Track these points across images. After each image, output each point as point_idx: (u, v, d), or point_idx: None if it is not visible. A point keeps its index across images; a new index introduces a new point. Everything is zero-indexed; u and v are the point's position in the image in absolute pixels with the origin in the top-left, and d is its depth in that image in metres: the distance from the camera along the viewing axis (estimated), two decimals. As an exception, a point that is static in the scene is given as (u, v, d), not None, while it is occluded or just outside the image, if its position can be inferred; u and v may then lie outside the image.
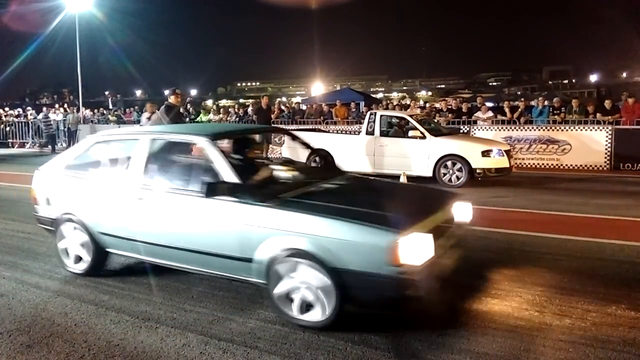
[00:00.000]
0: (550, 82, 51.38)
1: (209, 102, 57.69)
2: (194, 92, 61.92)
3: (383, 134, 10.12)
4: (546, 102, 14.29)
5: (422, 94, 62.35)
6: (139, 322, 3.66)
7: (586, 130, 11.91)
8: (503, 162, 9.30)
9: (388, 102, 22.37)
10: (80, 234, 4.55)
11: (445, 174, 9.33)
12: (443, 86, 69.77)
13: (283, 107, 19.63)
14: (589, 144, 11.78)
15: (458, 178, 9.22)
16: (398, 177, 8.65)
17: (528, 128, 12.64)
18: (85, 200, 4.56)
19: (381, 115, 10.20)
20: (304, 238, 3.37)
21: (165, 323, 3.64)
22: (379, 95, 48.93)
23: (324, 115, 16.34)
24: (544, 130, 12.41)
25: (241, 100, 52.30)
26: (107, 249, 4.49)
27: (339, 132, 12.27)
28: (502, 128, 12.80)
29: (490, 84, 67.57)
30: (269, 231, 3.52)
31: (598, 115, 12.46)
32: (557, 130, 12.24)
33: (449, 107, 14.52)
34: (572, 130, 12.03)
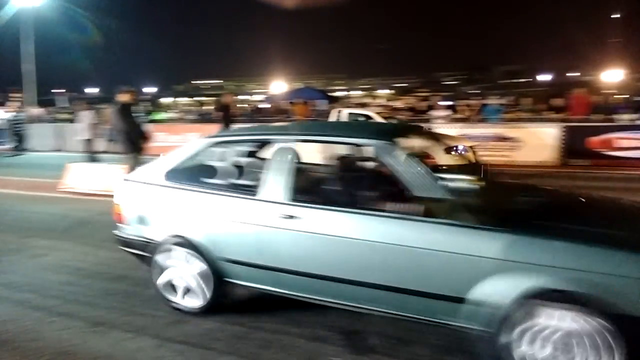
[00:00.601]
0: (504, 81, 53.08)
1: (166, 100, 56.49)
2: (149, 89, 60.47)
3: None
4: (500, 101, 14.81)
5: (382, 92, 63.17)
6: (91, 328, 3.57)
7: (538, 127, 12.39)
8: (468, 159, 9.41)
9: (348, 100, 22.59)
10: (194, 261, 3.61)
11: None
12: (402, 85, 70.92)
13: (244, 105, 19.49)
14: (541, 140, 12.26)
15: None
16: None
17: (482, 126, 13.05)
18: (204, 219, 3.61)
19: (348, 114, 10.11)
20: (569, 274, 2.54)
21: (118, 327, 3.56)
22: (340, 94, 49.23)
23: (285, 114, 16.35)
24: (497, 127, 12.83)
25: (201, 98, 51.46)
26: (231, 280, 3.58)
27: None
28: (457, 126, 13.16)
29: (447, 82, 69.21)
30: (502, 264, 2.69)
31: (549, 112, 13.03)
32: (510, 127, 12.68)
33: (408, 105, 14.83)
34: (524, 127, 12.49)
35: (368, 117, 10.30)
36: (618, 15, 47.33)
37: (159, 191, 3.83)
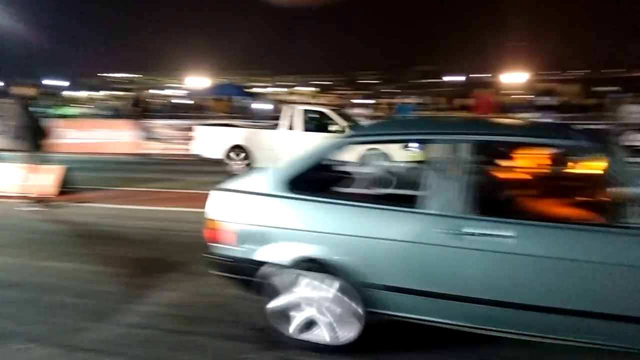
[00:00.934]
0: (417, 81, 55.47)
1: (78, 94, 53.00)
2: (56, 82, 56.36)
3: (305, 128, 9.90)
4: (416, 100, 15.52)
5: (304, 89, 63.50)
6: (-17, 340, 3.29)
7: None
8: (421, 155, 9.67)
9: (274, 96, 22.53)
10: (329, 287, 3.02)
11: None
12: (323, 83, 71.83)
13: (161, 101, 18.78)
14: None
15: None
16: None
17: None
18: (346, 236, 2.95)
19: (302, 110, 9.97)
20: None
21: (16, 337, 3.32)
22: (263, 90, 48.89)
23: (204, 109, 15.99)
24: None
25: (116, 93, 48.76)
26: (383, 310, 2.96)
27: (255, 127, 11.47)
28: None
29: (367, 82, 71.07)
30: None
31: (461, 111, 13.85)
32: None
33: (331, 103, 15.10)
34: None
35: (322, 113, 10.05)
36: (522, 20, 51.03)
37: (282, 204, 3.14)
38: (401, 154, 8.77)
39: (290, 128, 9.90)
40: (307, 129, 9.87)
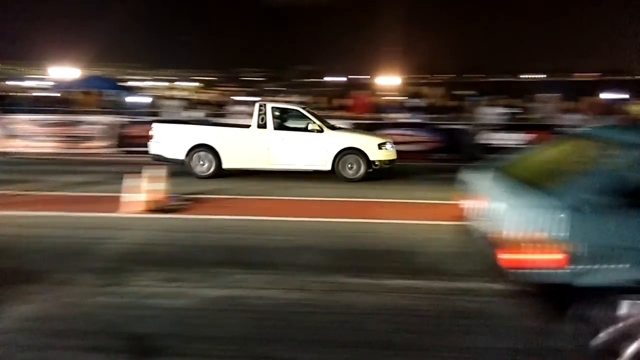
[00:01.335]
0: (298, 80, 56.53)
1: None
2: None
3: (277, 127, 9.43)
4: (300, 99, 15.83)
5: (184, 84, 61.24)
6: None
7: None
8: (394, 154, 9.70)
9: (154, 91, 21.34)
10: None
11: (344, 168, 9.29)
12: (206, 78, 69.91)
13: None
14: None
15: (357, 171, 9.28)
16: (295, 172, 9.01)
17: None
18: None
19: (272, 107, 9.50)
20: None
21: None
22: (140, 84, 46.09)
23: (71, 103, 14.67)
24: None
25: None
26: None
27: (224, 125, 10.79)
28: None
29: (251, 79, 70.65)
30: None
31: (340, 111, 14.40)
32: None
33: (212, 99, 14.79)
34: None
35: (296, 111, 9.72)
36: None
37: (625, 219, 2.73)
38: (381, 154, 9.21)
39: (262, 126, 9.39)
40: (279, 128, 9.45)
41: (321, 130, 9.34)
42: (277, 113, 9.43)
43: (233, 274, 4.29)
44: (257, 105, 9.53)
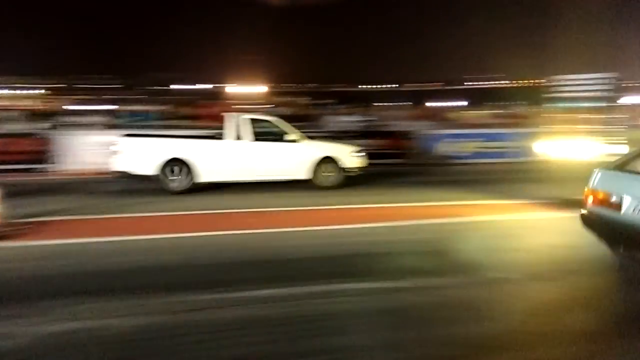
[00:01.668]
0: (152, 88, 54.03)
1: None
2: None
3: (254, 138, 9.36)
4: (147, 107, 15.06)
5: (28, 92, 54.87)
6: None
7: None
8: (365, 161, 10.15)
9: None
10: None
11: (322, 176, 9.59)
12: (51, 86, 63.26)
13: None
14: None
15: (333, 179, 9.65)
16: (275, 183, 9.22)
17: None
18: None
19: (248, 119, 9.42)
20: None
21: None
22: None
23: None
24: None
25: None
26: None
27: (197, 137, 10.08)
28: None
29: (99, 86, 65.72)
30: None
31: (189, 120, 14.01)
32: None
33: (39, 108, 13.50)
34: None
35: (269, 122, 9.74)
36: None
37: None
38: (355, 161, 9.76)
39: (239, 138, 9.25)
40: (256, 139, 9.36)
41: (297, 141, 9.59)
42: (253, 124, 9.44)
43: (76, 304, 3.87)
44: (231, 117, 9.39)
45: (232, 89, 35.87)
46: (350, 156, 9.90)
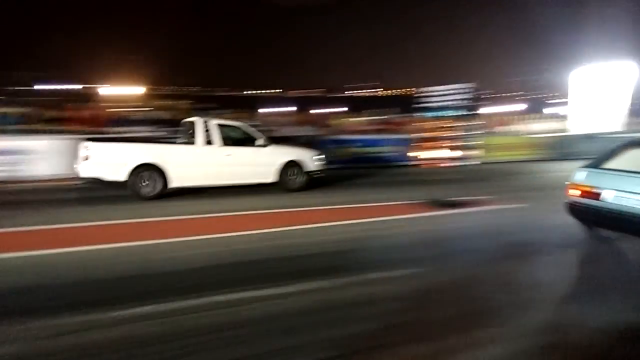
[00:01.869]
0: (12, 88, 48.08)
1: None
2: None
3: (224, 143, 9.62)
4: (20, 110, 13.45)
5: None
6: None
7: (55, 139, 11.92)
8: (324, 164, 10.79)
9: None
10: None
11: (288, 179, 10.07)
12: None
13: None
14: (58, 153, 11.79)
15: (299, 182, 10.17)
16: (246, 186, 9.62)
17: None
18: None
19: (218, 124, 9.67)
20: None
21: None
22: None
23: None
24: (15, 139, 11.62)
25: None
26: None
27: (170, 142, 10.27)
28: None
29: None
30: None
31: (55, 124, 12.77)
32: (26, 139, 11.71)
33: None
34: (41, 139, 11.75)
35: (238, 128, 10.04)
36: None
37: None
38: (315, 165, 10.44)
39: (209, 143, 9.47)
40: (226, 144, 9.63)
41: (265, 146, 9.97)
42: (223, 130, 9.68)
43: None
44: (200, 122, 9.51)
45: (105, 90, 33.32)
46: (312, 160, 10.50)
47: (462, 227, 6.99)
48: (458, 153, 16.23)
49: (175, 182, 9.11)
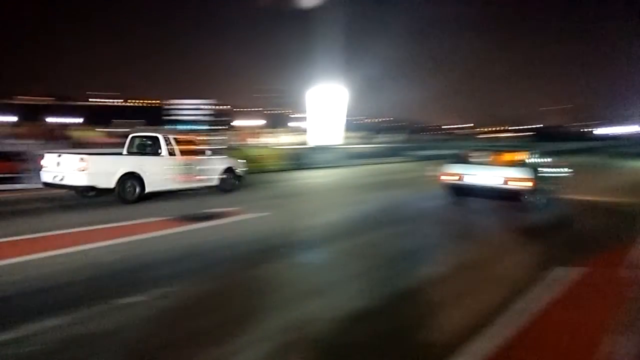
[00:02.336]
0: None
1: None
2: None
3: (182, 153, 11.27)
4: None
5: None
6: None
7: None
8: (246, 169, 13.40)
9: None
10: None
11: (226, 182, 12.36)
12: None
13: None
14: None
15: (232, 184, 12.52)
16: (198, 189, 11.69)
17: None
18: None
19: (174, 138, 11.35)
20: None
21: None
22: None
23: None
24: None
25: None
26: None
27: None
28: None
29: None
30: None
31: None
32: None
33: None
34: None
35: (191, 142, 11.78)
36: None
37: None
38: (242, 170, 13.15)
39: (172, 153, 11.17)
40: (184, 154, 11.34)
41: (211, 155, 12.09)
42: (179, 142, 11.36)
43: None
44: (162, 137, 11.22)
45: None
46: (241, 166, 12.95)
47: (212, 239, 7.07)
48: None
49: (149, 187, 10.45)
